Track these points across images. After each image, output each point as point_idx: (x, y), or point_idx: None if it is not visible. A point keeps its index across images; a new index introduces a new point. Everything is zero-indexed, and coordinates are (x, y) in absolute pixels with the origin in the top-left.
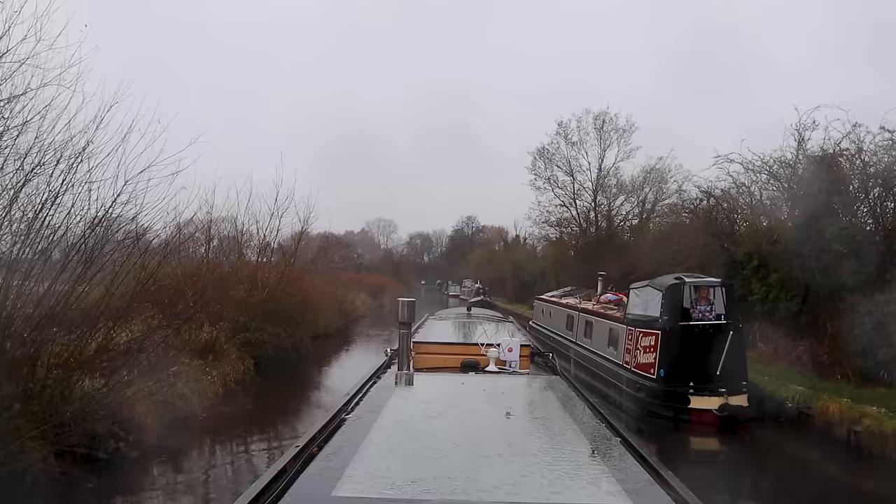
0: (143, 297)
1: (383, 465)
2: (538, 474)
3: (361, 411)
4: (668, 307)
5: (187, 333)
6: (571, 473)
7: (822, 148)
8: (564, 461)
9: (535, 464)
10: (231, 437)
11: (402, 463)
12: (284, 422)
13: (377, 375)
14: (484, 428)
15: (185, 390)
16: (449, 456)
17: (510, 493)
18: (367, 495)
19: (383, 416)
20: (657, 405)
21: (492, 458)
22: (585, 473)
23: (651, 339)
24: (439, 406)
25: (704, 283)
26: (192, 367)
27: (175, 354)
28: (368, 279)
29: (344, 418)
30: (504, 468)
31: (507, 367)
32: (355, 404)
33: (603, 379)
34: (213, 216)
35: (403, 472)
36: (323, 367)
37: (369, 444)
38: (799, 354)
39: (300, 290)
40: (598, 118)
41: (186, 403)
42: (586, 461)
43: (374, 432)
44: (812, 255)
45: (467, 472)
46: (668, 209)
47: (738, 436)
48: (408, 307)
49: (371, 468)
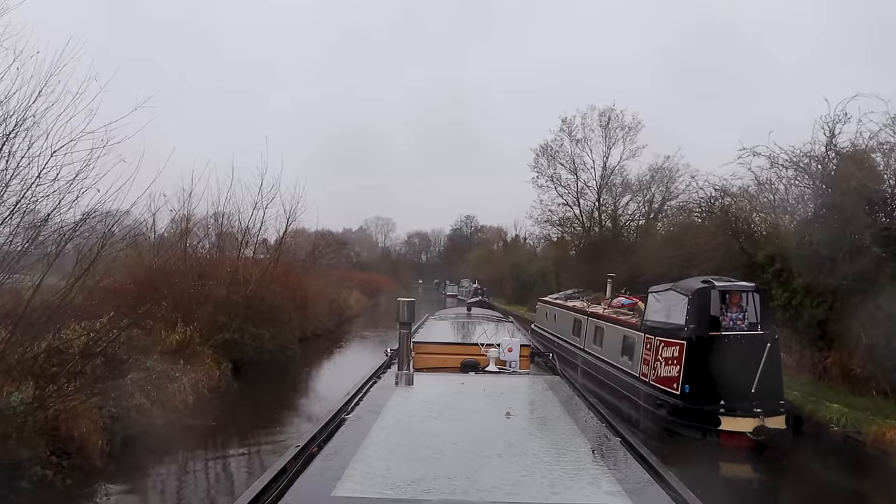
0: (106, 293)
1: (383, 465)
2: (538, 474)
3: (361, 411)
4: (695, 314)
5: (157, 334)
6: (571, 473)
7: (853, 143)
8: (564, 461)
9: (535, 464)
10: (195, 458)
11: (402, 463)
12: (261, 436)
13: (377, 375)
14: (484, 428)
15: (144, 400)
16: (449, 456)
17: (510, 493)
18: (367, 495)
19: (383, 416)
20: (680, 424)
21: (492, 458)
22: (585, 473)
23: (674, 349)
24: (439, 406)
25: (736, 287)
26: (157, 373)
27: (138, 358)
28: (363, 277)
29: (344, 418)
30: (504, 468)
31: (507, 367)
32: (355, 404)
33: (615, 391)
34: (190, 207)
35: (403, 472)
36: (310, 371)
37: (369, 444)
38: (827, 366)
39: (287, 288)
40: (604, 115)
41: (146, 416)
42: (586, 461)
43: (374, 432)
44: (846, 257)
45: (467, 472)
46: (678, 208)
47: (777, 462)
48: (407, 307)
49: (371, 468)
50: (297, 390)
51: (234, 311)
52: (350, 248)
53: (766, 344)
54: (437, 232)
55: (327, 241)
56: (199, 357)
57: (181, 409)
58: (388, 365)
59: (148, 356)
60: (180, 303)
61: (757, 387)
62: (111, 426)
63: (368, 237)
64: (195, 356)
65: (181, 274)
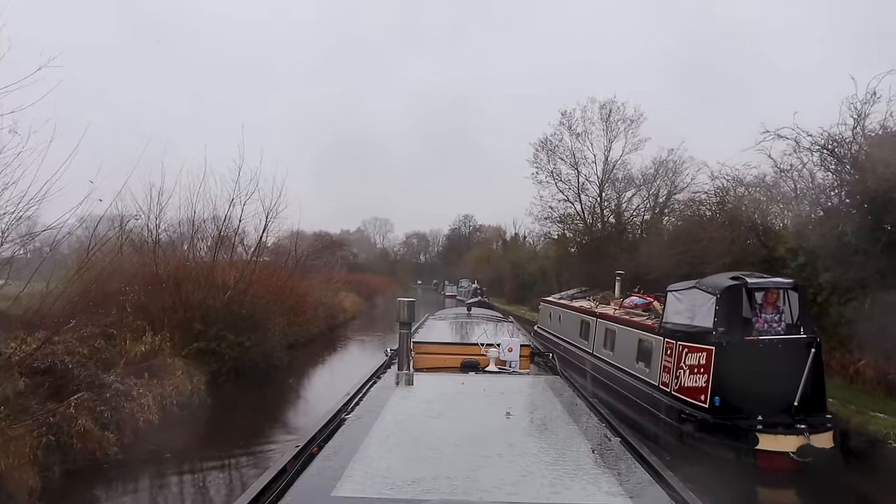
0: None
1: (383, 465)
2: (538, 474)
3: (361, 411)
4: (725, 315)
5: (122, 344)
6: (571, 473)
7: (883, 125)
8: (564, 461)
9: (535, 464)
10: (149, 490)
11: (402, 463)
12: (231, 461)
13: (377, 375)
14: (484, 428)
15: (91, 425)
16: (449, 456)
17: (510, 493)
18: (367, 495)
19: (383, 416)
20: (710, 442)
21: (492, 458)
22: (585, 473)
23: (701, 356)
24: (439, 406)
25: (772, 284)
26: (114, 391)
27: (92, 374)
28: (360, 278)
29: (344, 418)
30: (504, 468)
31: (507, 367)
32: (355, 404)
33: (630, 401)
34: (162, 204)
35: (403, 472)
36: (297, 380)
37: (369, 444)
38: (860, 369)
39: (273, 291)
40: (605, 107)
41: (93, 443)
42: (586, 461)
43: (374, 432)
44: (884, 250)
45: (467, 472)
46: (686, 202)
47: (827, 487)
48: (407, 307)
49: (371, 468)
50: (279, 403)
51: (211, 318)
52: (347, 248)
53: (810, 349)
54: (436, 232)
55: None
56: (168, 369)
57: (143, 431)
58: (388, 365)
59: (111, 370)
60: (146, 308)
61: (800, 399)
62: (49, 458)
63: (366, 238)
64: (164, 368)
65: (149, 277)
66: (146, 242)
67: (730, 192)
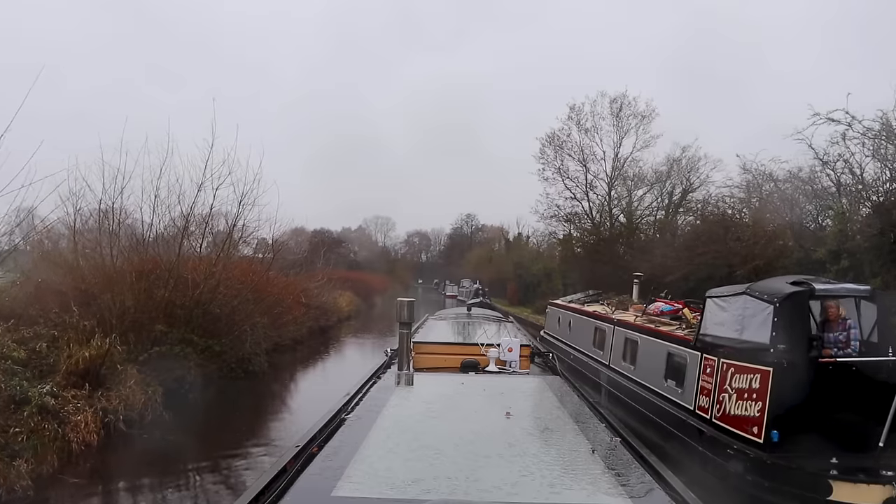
0: None
1: (383, 465)
2: (538, 474)
3: (361, 411)
4: (786, 329)
5: (64, 349)
6: (571, 473)
7: None
8: (564, 461)
9: (535, 464)
10: None
11: (402, 463)
12: (176, 496)
13: (377, 375)
14: (484, 428)
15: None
16: (449, 456)
17: (510, 493)
18: (367, 495)
19: (383, 416)
20: (766, 488)
21: (492, 458)
22: (585, 473)
23: (754, 378)
24: (439, 406)
25: (844, 291)
26: (35, 409)
27: (14, 386)
28: (357, 277)
29: (344, 418)
30: (504, 468)
31: (507, 367)
32: (355, 404)
33: (655, 425)
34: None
35: (403, 472)
36: (276, 390)
37: (369, 444)
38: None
39: (254, 290)
40: (615, 102)
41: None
42: (586, 461)
43: (374, 432)
44: None
45: (467, 472)
46: (704, 200)
47: None
48: (407, 307)
49: (371, 468)
50: (249, 419)
51: (176, 318)
52: (346, 246)
53: None
54: (438, 231)
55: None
56: (118, 378)
57: (75, 456)
58: (388, 365)
59: (43, 381)
60: (99, 307)
61: (886, 438)
62: None
63: (368, 236)
64: (113, 377)
65: (100, 270)
66: (103, 230)
67: (760, 188)
